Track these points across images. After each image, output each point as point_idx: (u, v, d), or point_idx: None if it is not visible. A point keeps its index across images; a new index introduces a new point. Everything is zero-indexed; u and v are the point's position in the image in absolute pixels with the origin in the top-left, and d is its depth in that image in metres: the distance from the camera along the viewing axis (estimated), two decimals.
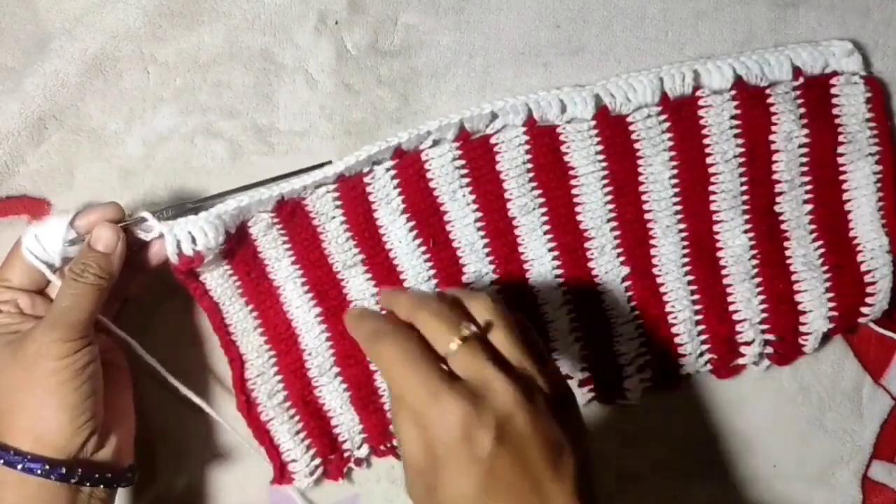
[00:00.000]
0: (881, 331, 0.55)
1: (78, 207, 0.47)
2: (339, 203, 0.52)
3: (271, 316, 0.53)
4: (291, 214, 0.51)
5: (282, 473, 0.54)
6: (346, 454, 0.54)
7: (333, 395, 0.54)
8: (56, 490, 0.41)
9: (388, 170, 0.52)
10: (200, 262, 0.48)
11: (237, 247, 0.51)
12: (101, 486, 0.43)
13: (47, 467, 0.41)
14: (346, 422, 0.54)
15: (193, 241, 0.48)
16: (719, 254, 0.54)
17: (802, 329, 0.54)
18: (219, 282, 0.52)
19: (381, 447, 0.54)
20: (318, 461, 0.54)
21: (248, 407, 0.53)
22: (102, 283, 0.44)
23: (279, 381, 0.53)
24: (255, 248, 0.52)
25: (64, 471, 0.41)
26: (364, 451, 0.54)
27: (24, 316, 0.45)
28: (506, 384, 0.37)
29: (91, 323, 0.43)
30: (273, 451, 0.53)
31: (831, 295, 0.53)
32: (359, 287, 0.52)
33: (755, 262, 0.53)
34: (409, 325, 0.40)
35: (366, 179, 0.52)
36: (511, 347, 0.39)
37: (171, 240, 0.47)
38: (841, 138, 0.53)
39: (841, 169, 0.53)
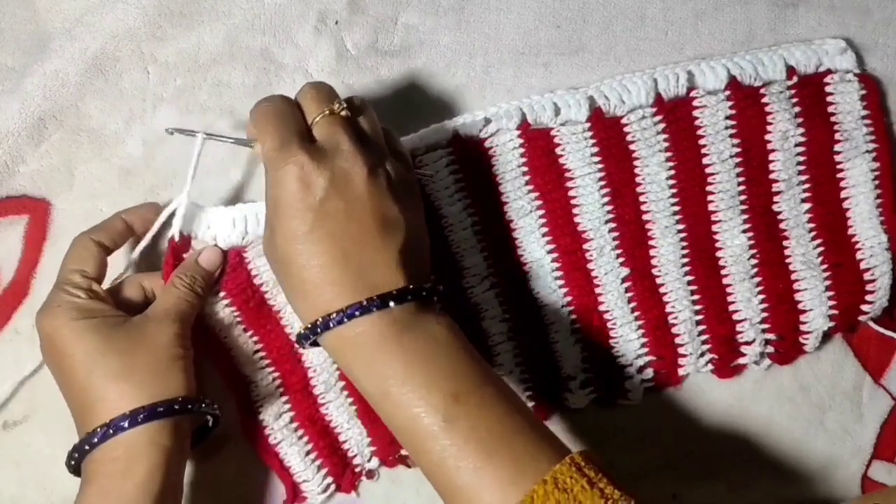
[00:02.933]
0: (881, 330, 0.55)
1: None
2: None
3: (272, 339, 0.53)
4: None
5: (294, 493, 0.54)
6: (356, 468, 0.54)
7: (340, 411, 0.54)
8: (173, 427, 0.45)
9: None
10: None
11: (231, 276, 0.51)
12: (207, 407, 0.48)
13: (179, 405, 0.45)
14: (355, 436, 0.54)
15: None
16: (718, 254, 0.53)
17: (803, 328, 0.54)
18: (215, 309, 0.52)
19: (390, 458, 0.54)
20: (329, 479, 0.54)
21: (255, 431, 0.53)
22: (203, 295, 0.50)
23: (285, 402, 0.53)
24: (249, 274, 0.51)
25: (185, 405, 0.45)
26: (374, 462, 0.54)
27: (105, 302, 0.48)
28: (353, 148, 0.41)
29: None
30: (284, 472, 0.53)
31: (831, 293, 0.53)
32: None
33: (754, 261, 0.53)
34: (293, 102, 0.44)
35: None
36: (374, 132, 0.43)
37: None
38: (837, 136, 0.53)
39: (838, 167, 0.53)
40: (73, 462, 0.45)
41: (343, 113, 0.43)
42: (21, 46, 0.53)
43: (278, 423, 0.53)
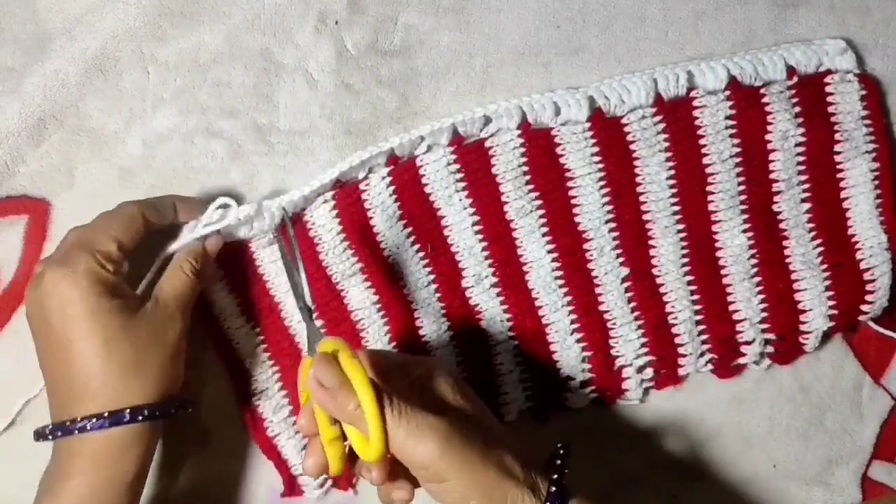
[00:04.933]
0: (881, 330, 0.55)
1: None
2: (335, 213, 0.52)
3: (273, 331, 0.53)
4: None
5: (291, 486, 0.54)
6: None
7: None
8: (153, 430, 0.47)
9: (383, 177, 0.52)
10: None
11: (236, 265, 0.51)
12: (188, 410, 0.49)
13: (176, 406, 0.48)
14: None
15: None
16: (718, 253, 0.53)
17: (803, 328, 0.54)
18: (219, 296, 0.52)
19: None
20: (326, 475, 0.54)
21: (254, 422, 0.53)
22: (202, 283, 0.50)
23: (284, 396, 0.53)
24: (254, 264, 0.52)
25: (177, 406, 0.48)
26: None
27: (122, 279, 0.47)
28: None
29: None
30: (282, 465, 0.54)
31: (831, 293, 0.53)
32: (359, 296, 0.52)
33: (754, 261, 0.53)
34: None
35: (361, 187, 0.52)
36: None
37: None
38: (837, 136, 0.52)
39: (838, 167, 0.53)
40: (47, 435, 0.45)
41: None
42: (21, 46, 0.53)
43: (277, 416, 0.53)
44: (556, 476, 0.42)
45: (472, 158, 0.52)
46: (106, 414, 0.44)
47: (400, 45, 0.54)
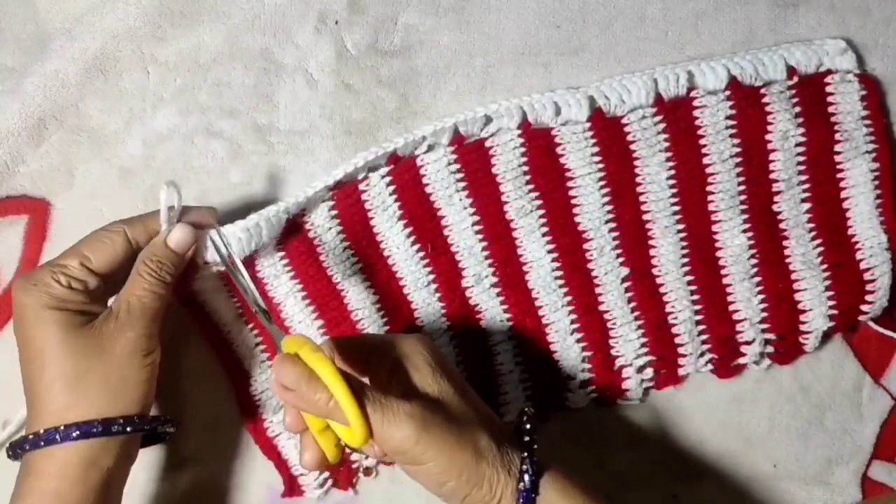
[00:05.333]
0: (881, 330, 0.55)
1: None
2: (334, 213, 0.51)
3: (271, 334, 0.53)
4: (289, 230, 0.51)
5: (292, 487, 0.54)
6: (354, 465, 0.54)
7: None
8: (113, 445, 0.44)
9: (383, 176, 0.52)
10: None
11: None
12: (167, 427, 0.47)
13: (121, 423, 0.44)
14: None
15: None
16: (718, 253, 0.53)
17: (803, 328, 0.54)
18: (219, 300, 0.52)
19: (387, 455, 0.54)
20: (326, 474, 0.54)
21: (254, 422, 0.53)
22: (173, 281, 0.47)
23: None
24: (253, 266, 0.52)
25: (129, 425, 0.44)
26: (371, 460, 0.54)
27: (89, 296, 0.45)
28: None
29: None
30: (282, 465, 0.54)
31: (831, 293, 0.53)
32: (359, 296, 0.52)
33: (754, 261, 0.53)
34: None
35: (361, 187, 0.52)
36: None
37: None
38: (837, 136, 0.52)
39: (838, 167, 0.53)
40: (12, 454, 0.44)
41: None
42: (21, 46, 0.53)
43: (277, 416, 0.53)
44: (525, 454, 0.42)
45: (473, 158, 0.52)
46: (41, 432, 0.42)
47: (400, 45, 0.54)
